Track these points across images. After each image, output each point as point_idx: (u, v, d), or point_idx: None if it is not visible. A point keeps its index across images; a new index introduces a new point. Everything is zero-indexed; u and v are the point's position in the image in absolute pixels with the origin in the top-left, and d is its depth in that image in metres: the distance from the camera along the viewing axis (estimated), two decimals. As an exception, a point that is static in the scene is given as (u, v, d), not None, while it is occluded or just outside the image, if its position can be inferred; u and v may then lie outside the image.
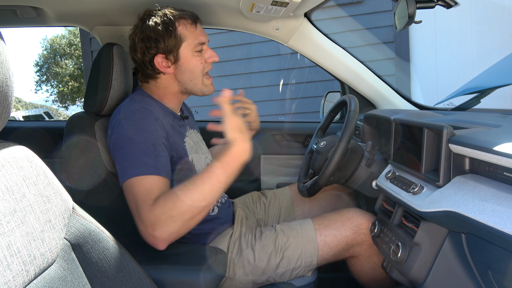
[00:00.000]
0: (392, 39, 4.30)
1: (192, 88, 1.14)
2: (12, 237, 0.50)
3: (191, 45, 1.09)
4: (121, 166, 0.95)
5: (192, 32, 1.09)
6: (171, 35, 1.06)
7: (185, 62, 1.10)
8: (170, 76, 1.12)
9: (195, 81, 1.12)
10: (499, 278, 0.65)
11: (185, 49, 1.08)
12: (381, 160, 1.22)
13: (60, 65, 14.51)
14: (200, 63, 1.11)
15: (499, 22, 3.28)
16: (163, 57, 1.08)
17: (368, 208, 1.47)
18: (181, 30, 1.07)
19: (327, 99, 1.86)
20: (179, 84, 1.13)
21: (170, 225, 0.85)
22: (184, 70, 1.10)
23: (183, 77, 1.11)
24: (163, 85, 1.14)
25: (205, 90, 1.15)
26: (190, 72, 1.11)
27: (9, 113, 0.54)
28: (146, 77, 1.14)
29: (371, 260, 1.18)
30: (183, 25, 1.08)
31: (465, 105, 1.36)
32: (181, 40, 1.07)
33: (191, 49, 1.09)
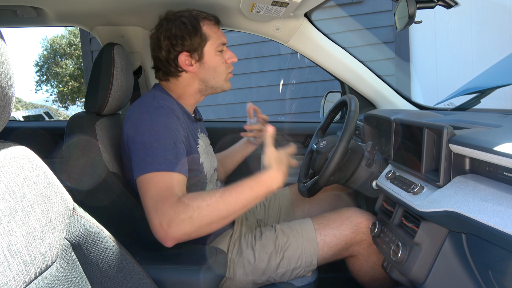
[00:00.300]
0: (392, 39, 4.30)
1: (214, 85, 1.16)
2: (12, 237, 0.50)
3: (215, 44, 1.12)
4: (140, 159, 0.95)
5: (215, 32, 1.13)
6: (197, 33, 1.09)
7: (209, 61, 1.13)
8: (192, 75, 1.14)
9: (218, 79, 1.16)
10: (499, 278, 0.65)
11: (209, 47, 1.12)
12: (381, 160, 1.22)
13: (60, 65, 14.51)
14: (222, 62, 1.15)
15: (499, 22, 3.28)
16: (187, 55, 1.10)
17: (368, 208, 1.47)
18: (206, 30, 1.11)
19: (327, 99, 1.86)
20: (200, 83, 1.15)
21: (187, 226, 0.85)
22: (208, 68, 1.13)
23: (206, 75, 1.14)
24: (183, 83, 1.15)
25: (226, 86, 1.20)
26: (213, 70, 1.14)
27: (10, 113, 0.54)
28: (167, 75, 1.15)
29: (370, 259, 1.18)
30: (207, 25, 1.12)
31: (465, 105, 1.36)
32: (206, 39, 1.11)
33: (214, 48, 1.13)
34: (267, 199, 1.49)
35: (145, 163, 0.93)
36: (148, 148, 0.95)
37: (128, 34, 1.49)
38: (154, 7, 1.29)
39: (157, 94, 1.07)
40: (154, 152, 0.94)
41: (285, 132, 1.85)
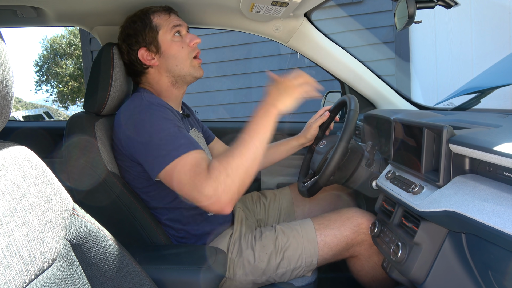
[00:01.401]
0: (392, 39, 4.30)
1: (179, 73, 1.14)
2: (12, 237, 0.50)
3: (168, 31, 1.12)
4: (155, 156, 0.95)
5: (166, 19, 1.13)
6: (147, 26, 1.11)
7: (167, 49, 1.12)
8: (157, 68, 1.14)
9: (182, 65, 1.13)
10: (499, 278, 0.65)
11: (162, 36, 1.12)
12: (381, 160, 1.22)
13: (60, 65, 14.51)
14: (182, 47, 1.13)
15: (499, 22, 3.28)
16: (145, 50, 1.12)
17: (368, 208, 1.47)
18: (156, 20, 1.12)
19: (327, 99, 1.86)
20: (167, 75, 1.14)
21: (229, 184, 0.88)
22: (168, 57, 1.12)
23: (168, 64, 1.13)
24: (153, 80, 1.16)
25: (194, 72, 1.16)
26: (174, 58, 1.12)
27: (9, 113, 0.54)
28: (138, 76, 1.17)
29: (371, 259, 1.18)
30: (157, 16, 1.13)
31: (465, 105, 1.36)
32: (156, 29, 1.11)
33: (169, 36, 1.12)
34: (267, 199, 1.49)
35: (161, 156, 0.94)
36: (159, 143, 0.95)
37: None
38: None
39: (143, 94, 1.08)
40: (166, 144, 0.95)
41: (285, 132, 1.85)
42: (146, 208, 1.11)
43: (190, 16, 1.38)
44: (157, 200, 1.11)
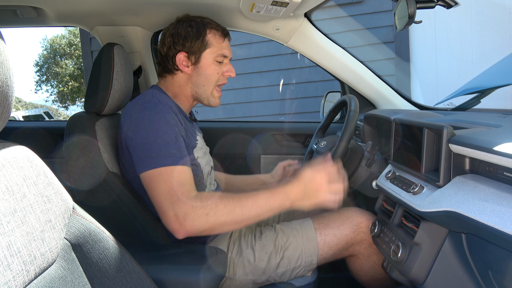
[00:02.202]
0: (392, 39, 4.30)
1: (201, 94, 1.17)
2: (12, 237, 0.50)
3: (214, 53, 1.15)
4: (144, 155, 0.97)
5: (219, 42, 1.16)
6: (199, 38, 1.13)
7: (204, 66, 1.15)
8: (186, 76, 1.16)
9: (206, 87, 1.16)
10: (499, 278, 0.65)
11: (207, 54, 1.14)
12: (381, 160, 1.22)
13: (60, 65, 14.51)
14: (217, 73, 1.16)
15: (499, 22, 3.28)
16: (185, 55, 1.14)
17: (368, 208, 1.47)
18: (210, 37, 1.14)
19: (327, 99, 1.86)
20: (192, 87, 1.17)
21: (201, 222, 0.89)
22: (201, 74, 1.15)
23: (198, 80, 1.15)
24: (178, 83, 1.17)
25: (212, 100, 1.19)
26: (205, 78, 1.15)
27: (10, 113, 0.54)
28: (165, 71, 1.18)
29: (370, 259, 1.18)
30: (212, 34, 1.15)
31: (465, 105, 1.36)
32: (206, 45, 1.14)
33: (213, 57, 1.15)
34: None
35: (150, 158, 0.95)
36: (152, 144, 0.97)
37: (128, 34, 1.49)
38: (154, 7, 1.29)
39: (155, 92, 1.10)
40: (158, 147, 0.96)
41: (285, 132, 1.85)
42: (146, 208, 1.11)
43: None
44: None
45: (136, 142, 0.99)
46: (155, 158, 0.95)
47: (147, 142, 0.97)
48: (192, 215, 0.89)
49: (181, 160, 0.96)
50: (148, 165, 0.95)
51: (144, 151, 0.97)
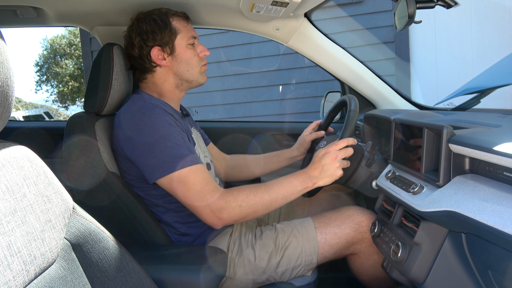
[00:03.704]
0: (392, 39, 4.30)
1: (188, 78, 1.18)
2: (12, 237, 0.50)
3: (185, 37, 1.16)
4: (158, 160, 0.99)
5: (184, 26, 1.17)
6: (167, 27, 1.13)
7: (181, 53, 1.15)
8: (166, 69, 1.16)
9: (192, 71, 1.18)
10: (499, 278, 0.65)
11: (179, 41, 1.15)
12: (381, 160, 1.22)
13: (60, 65, 14.51)
14: (194, 55, 1.17)
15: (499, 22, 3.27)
16: (159, 49, 1.14)
17: (368, 208, 1.47)
18: (175, 24, 1.15)
19: (327, 99, 1.86)
20: (174, 77, 1.17)
21: (237, 212, 0.99)
22: (180, 61, 1.16)
23: (179, 68, 1.16)
24: (160, 79, 1.17)
25: (201, 79, 1.21)
26: (186, 63, 1.16)
27: (10, 113, 0.54)
28: (143, 73, 1.18)
29: (371, 257, 1.18)
30: (176, 20, 1.16)
31: (465, 105, 1.36)
32: (175, 32, 1.14)
33: (185, 42, 1.16)
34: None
35: (167, 163, 0.98)
36: (164, 149, 0.98)
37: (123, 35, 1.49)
38: (154, 7, 1.29)
39: (145, 96, 1.11)
40: (171, 151, 0.98)
41: (285, 132, 1.85)
42: (146, 207, 1.11)
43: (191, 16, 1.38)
44: (158, 199, 1.11)
45: (145, 150, 1.00)
46: (172, 162, 0.97)
47: (158, 149, 0.98)
48: (228, 209, 0.98)
49: (195, 159, 1.01)
50: (166, 170, 0.98)
51: (158, 157, 0.98)
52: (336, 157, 1.05)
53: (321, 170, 1.05)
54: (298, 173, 1.07)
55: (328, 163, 1.05)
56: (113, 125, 1.11)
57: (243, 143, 1.82)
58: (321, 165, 1.06)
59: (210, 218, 0.99)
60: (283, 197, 1.03)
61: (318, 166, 1.06)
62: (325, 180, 1.06)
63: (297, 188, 1.05)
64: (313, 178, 1.06)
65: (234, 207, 0.98)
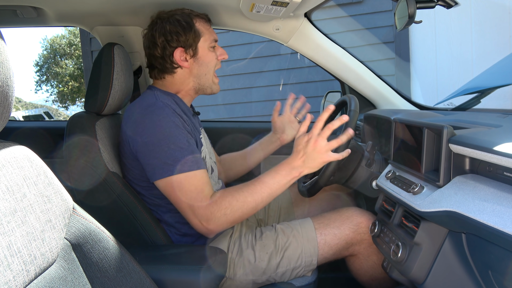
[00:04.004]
0: (392, 39, 4.30)
1: (204, 83, 1.18)
2: (12, 237, 0.50)
3: (208, 40, 1.16)
4: (159, 162, 0.99)
5: (207, 29, 1.17)
6: (191, 30, 1.13)
7: (203, 56, 1.15)
8: (186, 71, 1.16)
9: (208, 75, 1.17)
10: (499, 278, 0.65)
11: (202, 43, 1.15)
12: (381, 160, 1.22)
13: (60, 65, 14.51)
14: (215, 58, 1.18)
15: (499, 22, 3.28)
16: (182, 50, 1.13)
17: (368, 208, 1.47)
18: (199, 26, 1.15)
19: (327, 99, 1.86)
20: (193, 80, 1.17)
21: (223, 221, 0.98)
22: (201, 64, 1.16)
23: (199, 71, 1.16)
24: (179, 80, 1.17)
25: (214, 87, 1.20)
26: (206, 66, 1.16)
27: (10, 113, 0.54)
28: (163, 73, 1.16)
29: (370, 258, 1.18)
30: (199, 22, 1.15)
31: (465, 105, 1.36)
32: (199, 35, 1.14)
33: (208, 45, 1.16)
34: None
35: (167, 165, 0.97)
36: (166, 150, 0.98)
37: (128, 34, 1.49)
38: (155, 7, 1.29)
39: (157, 94, 1.09)
40: (173, 154, 0.98)
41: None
42: (146, 208, 1.11)
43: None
44: (160, 199, 1.11)
45: (148, 149, 0.99)
46: (172, 165, 0.97)
47: (160, 150, 0.98)
48: (213, 219, 0.97)
49: (196, 164, 1.00)
50: (165, 172, 0.98)
51: (160, 158, 0.98)
52: (316, 141, 0.99)
53: (304, 158, 1.01)
54: (280, 166, 1.03)
55: (310, 150, 1.00)
56: (122, 120, 1.11)
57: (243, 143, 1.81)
58: (303, 153, 1.01)
59: (198, 228, 1.00)
60: (268, 195, 1.01)
61: (300, 154, 1.01)
62: (311, 166, 1.02)
63: (281, 182, 1.02)
64: (298, 168, 1.02)
65: (219, 216, 0.97)
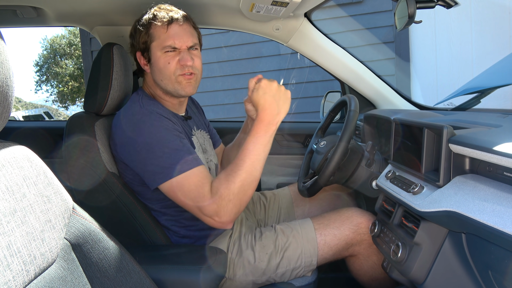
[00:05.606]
0: (392, 39, 4.30)
1: (165, 87, 1.10)
2: (12, 237, 0.50)
3: (160, 45, 1.07)
4: (157, 167, 0.98)
5: (162, 33, 1.07)
6: (142, 33, 1.09)
7: (155, 61, 1.09)
8: (150, 75, 1.14)
9: (166, 81, 1.09)
10: (499, 278, 0.65)
11: (154, 48, 1.08)
12: (381, 160, 1.22)
13: (60, 65, 14.51)
14: (168, 63, 1.07)
15: (499, 22, 3.27)
16: (140, 54, 1.12)
17: (368, 208, 1.47)
18: (152, 30, 1.08)
19: (327, 99, 1.86)
20: (157, 84, 1.12)
21: (231, 207, 0.96)
22: (155, 69, 1.09)
23: (156, 77, 1.10)
24: (149, 83, 1.16)
25: (180, 89, 1.09)
26: (160, 72, 1.08)
27: (9, 113, 0.54)
28: (139, 73, 1.18)
29: (370, 259, 1.18)
30: (154, 25, 1.07)
31: (465, 105, 1.36)
32: (151, 39, 1.08)
33: (160, 49, 1.07)
34: (267, 199, 1.49)
35: (166, 169, 0.97)
36: (162, 156, 0.97)
37: (128, 34, 1.49)
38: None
39: (142, 101, 1.08)
40: (169, 157, 0.97)
41: (285, 132, 1.85)
42: (146, 208, 1.11)
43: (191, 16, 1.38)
44: (155, 203, 1.11)
45: (143, 156, 0.99)
46: (169, 168, 0.96)
47: (155, 155, 0.97)
48: (222, 211, 0.95)
49: (195, 161, 0.99)
50: (165, 176, 0.97)
51: (156, 164, 0.97)
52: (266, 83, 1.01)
53: (275, 105, 1.00)
54: (255, 127, 1.01)
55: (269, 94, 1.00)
56: (111, 128, 1.10)
57: (243, 143, 1.81)
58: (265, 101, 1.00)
59: (214, 224, 0.98)
60: (257, 160, 0.99)
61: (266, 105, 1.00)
62: (284, 108, 1.02)
63: (264, 141, 1.00)
64: (274, 118, 1.01)
65: (225, 205, 0.95)
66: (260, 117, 1.01)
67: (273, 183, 1.84)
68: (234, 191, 0.95)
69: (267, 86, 1.02)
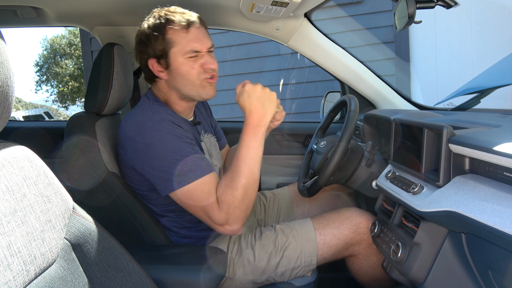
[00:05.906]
0: (392, 39, 4.30)
1: (187, 93, 1.08)
2: (12, 237, 0.50)
3: (181, 51, 1.03)
4: (168, 175, 0.97)
5: (182, 37, 1.03)
6: (158, 39, 1.03)
7: (177, 68, 1.04)
8: (166, 81, 1.09)
9: (190, 86, 1.06)
10: (499, 278, 0.65)
11: (174, 54, 1.03)
12: (381, 160, 1.22)
13: (60, 65, 14.50)
14: (192, 68, 1.04)
15: (499, 22, 3.28)
16: (155, 61, 1.05)
17: (368, 208, 1.47)
18: (170, 35, 1.02)
19: (327, 99, 1.86)
20: (175, 91, 1.09)
21: (238, 213, 0.97)
22: (176, 76, 1.05)
23: (176, 83, 1.06)
24: (163, 90, 1.11)
25: (204, 93, 1.08)
26: (183, 78, 1.05)
27: (10, 113, 0.54)
28: (149, 80, 1.13)
29: (369, 259, 1.18)
30: (172, 30, 1.02)
31: (465, 105, 1.36)
32: (170, 44, 1.03)
33: (182, 55, 1.03)
34: (267, 199, 1.49)
35: (178, 177, 0.97)
36: (173, 163, 0.97)
37: (128, 34, 1.49)
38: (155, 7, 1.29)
39: (154, 107, 1.05)
40: (180, 165, 0.97)
41: (285, 132, 1.85)
42: (146, 208, 1.11)
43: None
44: (157, 205, 1.11)
45: (154, 164, 0.98)
46: (181, 175, 0.96)
47: (167, 164, 0.97)
48: (230, 217, 0.97)
49: (207, 168, 0.99)
50: (177, 184, 0.97)
51: (168, 171, 0.97)
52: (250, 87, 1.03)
53: (261, 108, 1.02)
54: (244, 132, 1.02)
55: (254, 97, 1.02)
56: (118, 133, 1.08)
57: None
58: (258, 104, 1.02)
59: (225, 231, 0.99)
60: (252, 163, 0.99)
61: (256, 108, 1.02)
62: (270, 109, 1.03)
63: (255, 144, 1.01)
64: (261, 120, 1.02)
65: (233, 212, 0.96)
66: (248, 121, 1.02)
67: (273, 183, 1.85)
68: (238, 197, 0.96)
69: (251, 90, 1.03)
